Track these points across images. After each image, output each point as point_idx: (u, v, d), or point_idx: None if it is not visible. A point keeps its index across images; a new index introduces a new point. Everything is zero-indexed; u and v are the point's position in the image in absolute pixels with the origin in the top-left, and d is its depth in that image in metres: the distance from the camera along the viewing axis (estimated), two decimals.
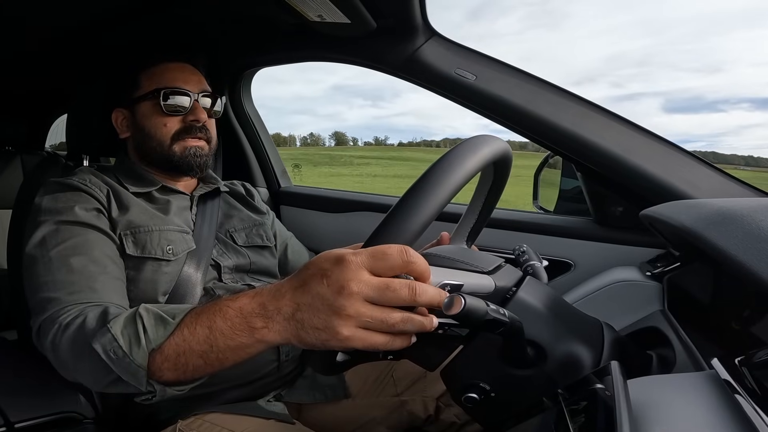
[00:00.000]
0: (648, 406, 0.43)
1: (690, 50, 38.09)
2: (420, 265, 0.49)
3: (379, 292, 0.48)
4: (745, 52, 66.38)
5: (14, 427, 0.81)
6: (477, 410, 0.62)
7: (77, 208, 0.84)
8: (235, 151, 1.66)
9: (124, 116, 1.02)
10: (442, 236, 0.83)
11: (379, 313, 0.48)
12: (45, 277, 0.76)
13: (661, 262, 0.96)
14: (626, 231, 1.11)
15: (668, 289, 0.86)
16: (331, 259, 0.49)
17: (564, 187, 1.34)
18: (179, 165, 0.99)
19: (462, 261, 0.63)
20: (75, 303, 0.72)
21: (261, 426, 0.79)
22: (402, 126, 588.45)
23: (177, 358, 0.61)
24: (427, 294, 0.48)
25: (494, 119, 1.13)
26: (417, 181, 0.54)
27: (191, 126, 0.99)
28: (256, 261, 1.05)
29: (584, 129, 1.05)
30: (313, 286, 0.49)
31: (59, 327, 0.70)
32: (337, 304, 0.47)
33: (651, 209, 0.81)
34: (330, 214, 1.56)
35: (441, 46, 1.15)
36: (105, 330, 0.64)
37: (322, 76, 27.34)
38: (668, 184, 0.99)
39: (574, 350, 0.59)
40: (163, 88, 0.97)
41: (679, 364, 0.60)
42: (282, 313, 0.52)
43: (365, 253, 0.48)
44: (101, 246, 0.82)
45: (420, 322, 0.50)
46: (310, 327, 0.50)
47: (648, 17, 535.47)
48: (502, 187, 0.76)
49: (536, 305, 0.62)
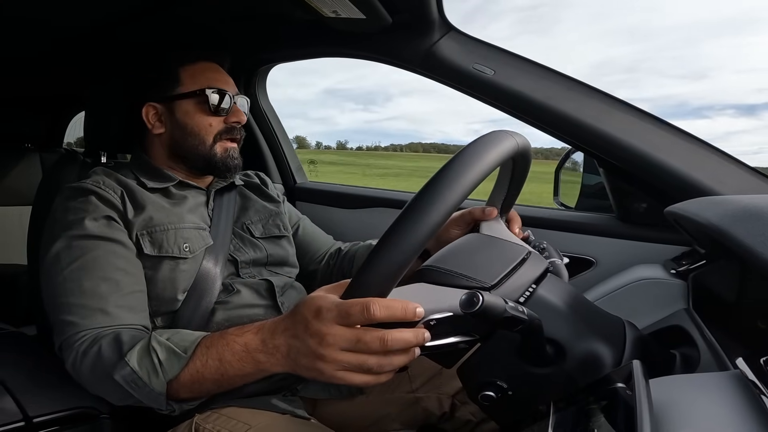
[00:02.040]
0: (670, 406, 0.43)
1: (676, 57, 37.27)
2: (384, 318, 0.54)
3: (351, 344, 0.56)
4: (730, 60, 62.93)
5: (33, 421, 0.83)
6: (493, 408, 0.62)
7: (87, 220, 0.87)
8: (250, 147, 1.68)
9: (156, 111, 1.03)
10: (488, 211, 0.86)
11: (355, 359, 0.57)
12: (60, 298, 0.82)
13: (686, 259, 0.95)
14: (650, 228, 1.10)
15: (693, 288, 0.85)
16: (312, 311, 0.58)
17: (586, 183, 1.33)
18: (218, 165, 1.02)
19: (463, 275, 0.63)
20: (88, 328, 0.79)
21: (276, 421, 0.80)
22: (393, 130, 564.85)
23: (192, 384, 0.71)
24: (402, 340, 0.55)
25: (514, 114, 1.13)
26: (396, 221, 0.53)
27: (233, 127, 1.03)
28: (273, 253, 1.06)
29: (607, 124, 1.04)
30: (299, 333, 0.60)
31: (76, 354, 0.77)
32: (318, 352, 0.58)
33: (676, 206, 0.80)
34: (345, 210, 1.57)
35: (458, 41, 1.15)
36: (123, 363, 0.73)
37: (314, 80, 27.72)
38: (694, 180, 0.97)
39: (595, 349, 0.58)
40: (208, 87, 1.00)
41: (703, 363, 0.59)
42: (280, 351, 0.63)
43: (336, 309, 0.56)
44: (112, 259, 0.85)
45: (395, 364, 0.57)
46: (302, 366, 0.61)
47: (636, 24, 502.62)
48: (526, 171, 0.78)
49: (556, 303, 0.62)
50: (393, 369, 0.58)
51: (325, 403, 0.97)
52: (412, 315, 0.55)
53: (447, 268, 0.64)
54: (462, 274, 0.63)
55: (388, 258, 0.52)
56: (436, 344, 0.58)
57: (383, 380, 0.59)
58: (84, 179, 0.94)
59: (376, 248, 0.52)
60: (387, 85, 31.39)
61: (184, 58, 1.03)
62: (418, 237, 0.51)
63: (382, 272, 0.53)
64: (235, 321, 0.92)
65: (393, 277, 0.53)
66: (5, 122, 2.05)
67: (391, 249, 0.52)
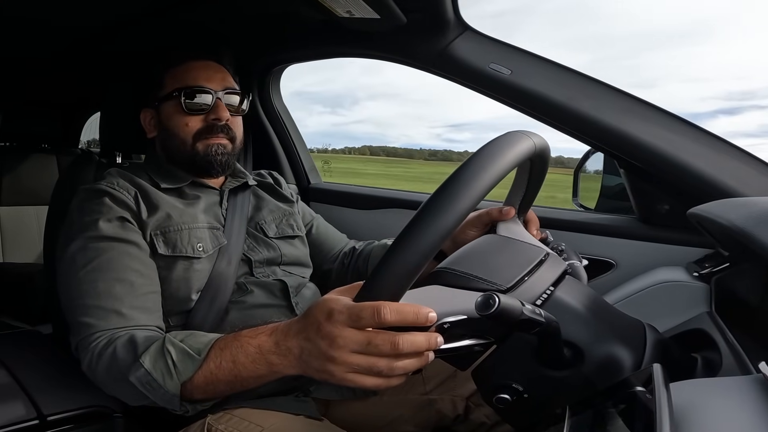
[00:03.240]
0: (691, 410, 0.42)
1: (628, 66, 35.83)
2: (395, 322, 0.54)
3: (362, 346, 0.57)
4: (676, 69, 59.53)
5: (47, 419, 0.85)
6: (508, 411, 0.62)
7: (102, 222, 0.88)
8: (264, 147, 1.69)
9: (151, 116, 1.05)
10: (505, 210, 0.85)
11: (365, 362, 0.57)
12: (76, 299, 0.84)
13: (709, 262, 0.94)
14: (672, 230, 1.09)
15: (716, 291, 0.84)
16: (324, 313, 0.59)
17: (606, 184, 1.32)
18: (202, 164, 1.01)
19: (479, 277, 0.63)
20: (103, 329, 0.81)
21: (289, 421, 0.81)
22: (359, 133, 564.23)
23: (206, 386, 0.73)
24: (413, 344, 0.55)
25: (532, 115, 1.12)
26: (409, 225, 0.53)
27: (213, 125, 1.01)
28: (286, 253, 1.07)
29: (628, 124, 1.03)
30: (311, 335, 0.61)
31: (92, 355, 0.80)
32: (329, 354, 0.58)
33: (699, 207, 0.79)
34: (360, 211, 1.57)
35: (474, 41, 1.15)
36: (138, 365, 0.75)
37: (284, 83, 27.92)
38: (717, 181, 0.96)
39: (614, 352, 0.58)
40: (184, 88, 1.00)
41: (726, 367, 0.58)
42: (292, 353, 0.64)
43: (347, 312, 0.57)
44: (126, 261, 0.87)
45: (406, 368, 0.57)
46: (313, 368, 0.61)
47: (592, 33, 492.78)
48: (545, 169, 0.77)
49: (574, 305, 0.61)
50: (404, 373, 0.58)
51: (337, 404, 0.97)
52: (424, 320, 0.55)
53: (462, 271, 0.64)
54: (477, 276, 0.63)
55: (401, 261, 0.52)
56: (450, 347, 0.58)
57: (394, 384, 0.59)
58: (99, 180, 0.96)
59: (390, 251, 0.53)
60: (355, 89, 30.99)
61: (171, 60, 1.04)
62: (430, 241, 0.51)
63: (395, 275, 0.53)
64: (249, 321, 0.93)
65: (406, 281, 0.53)
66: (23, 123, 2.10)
67: (405, 252, 0.52)
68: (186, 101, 0.99)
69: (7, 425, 0.81)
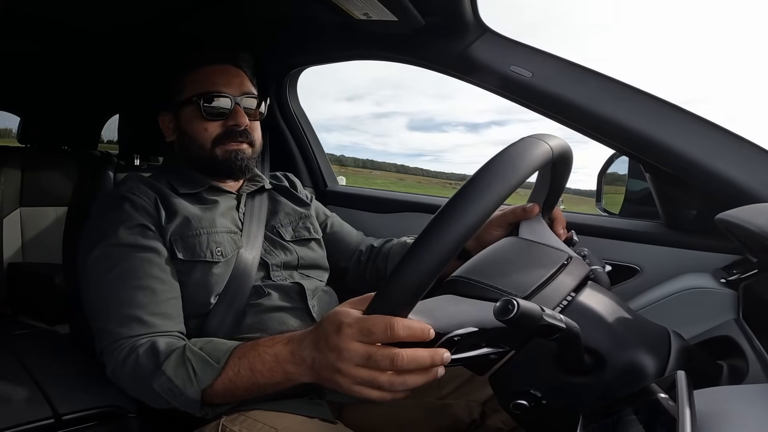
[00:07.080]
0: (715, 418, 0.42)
1: (433, 78, 36.74)
2: (406, 337, 0.56)
3: (364, 360, 0.59)
4: None
5: (62, 418, 0.88)
6: (525, 418, 0.62)
7: (122, 229, 0.91)
8: (281, 150, 1.71)
9: (170, 120, 1.08)
10: (528, 208, 0.86)
11: (367, 375, 0.60)
12: (100, 307, 0.88)
13: (738, 268, 0.93)
14: (699, 235, 1.07)
15: (744, 297, 0.83)
16: (334, 326, 0.62)
17: (631, 189, 1.30)
18: (222, 167, 1.04)
19: (493, 287, 0.63)
20: (125, 336, 0.85)
21: (303, 424, 0.82)
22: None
23: (225, 392, 0.76)
24: (414, 360, 0.57)
25: (554, 118, 1.11)
26: (420, 236, 0.53)
27: (232, 130, 1.03)
28: (303, 256, 1.08)
29: (654, 127, 1.02)
30: (321, 346, 0.64)
31: (116, 362, 0.84)
32: (336, 366, 0.61)
33: (727, 213, 0.78)
34: (377, 215, 1.57)
35: (494, 43, 1.14)
36: (160, 372, 0.78)
37: None
38: (746, 186, 0.95)
39: (637, 358, 0.58)
40: (203, 93, 1.01)
41: (752, 375, 0.58)
42: (306, 362, 0.67)
43: (356, 325, 0.60)
44: (147, 268, 0.89)
45: (408, 383, 0.59)
46: (323, 378, 0.65)
47: None
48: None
49: (596, 311, 0.61)
50: (406, 388, 0.60)
51: (351, 407, 0.98)
52: (426, 336, 0.57)
53: (477, 280, 0.64)
54: (492, 286, 0.63)
55: (413, 273, 0.53)
56: (464, 356, 0.58)
57: (399, 397, 0.61)
58: (119, 186, 0.98)
59: (400, 264, 0.54)
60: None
61: (189, 64, 1.05)
62: (442, 254, 0.52)
63: (407, 287, 0.54)
64: (266, 323, 0.94)
65: (416, 294, 0.54)
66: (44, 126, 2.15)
67: (416, 265, 0.53)
68: (205, 106, 1.01)
69: (23, 424, 0.84)
